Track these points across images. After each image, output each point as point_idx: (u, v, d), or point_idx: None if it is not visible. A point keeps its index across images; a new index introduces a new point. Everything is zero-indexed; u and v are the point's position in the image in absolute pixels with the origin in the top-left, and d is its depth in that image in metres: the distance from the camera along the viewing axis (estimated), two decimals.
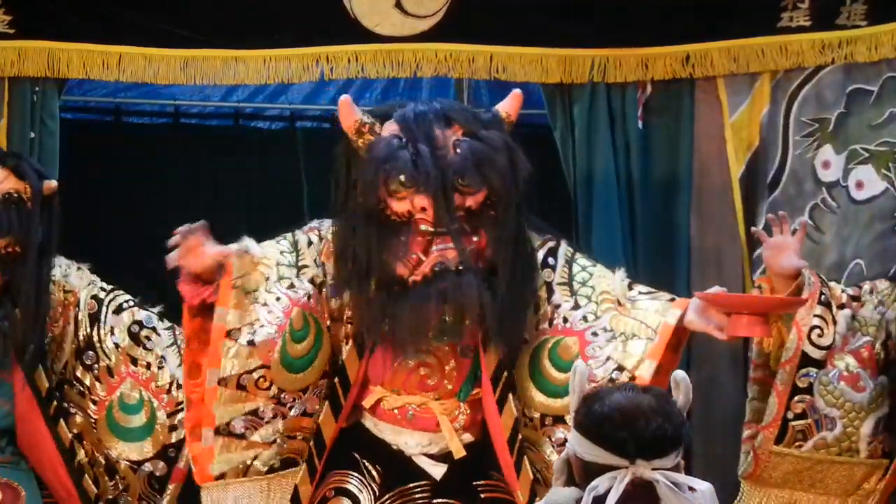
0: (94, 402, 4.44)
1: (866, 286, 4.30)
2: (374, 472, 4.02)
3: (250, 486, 4.00)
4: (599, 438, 2.80)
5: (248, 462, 3.98)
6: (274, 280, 4.00)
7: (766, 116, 5.00)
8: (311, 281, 4.04)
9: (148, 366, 4.46)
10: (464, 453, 4.01)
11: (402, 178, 3.85)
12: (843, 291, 4.24)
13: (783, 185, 4.97)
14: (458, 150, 3.89)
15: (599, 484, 2.77)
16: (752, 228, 4.55)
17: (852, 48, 4.91)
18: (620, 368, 3.95)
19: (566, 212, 5.02)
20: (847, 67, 4.92)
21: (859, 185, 4.90)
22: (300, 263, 4.05)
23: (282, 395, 3.98)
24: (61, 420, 4.41)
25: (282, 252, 4.06)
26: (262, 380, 3.95)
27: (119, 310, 4.49)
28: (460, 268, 3.87)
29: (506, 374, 4.01)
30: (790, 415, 4.17)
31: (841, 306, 4.20)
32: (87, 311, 4.47)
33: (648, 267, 4.88)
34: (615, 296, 4.06)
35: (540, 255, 4.10)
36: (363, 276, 3.92)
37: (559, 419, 3.97)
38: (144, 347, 4.47)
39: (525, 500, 4.00)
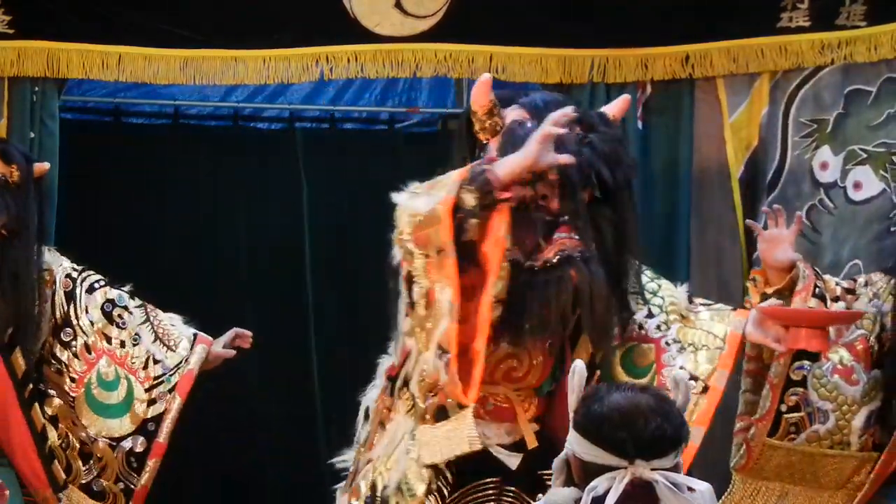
0: (73, 380, 4.44)
1: (861, 279, 4.30)
2: (447, 474, 3.89)
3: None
4: (598, 439, 2.80)
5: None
6: None
7: (765, 117, 5.01)
8: None
9: (122, 343, 4.47)
10: (536, 444, 3.93)
11: None
12: (837, 284, 4.24)
13: (781, 186, 4.97)
14: (590, 144, 3.79)
15: (598, 484, 2.77)
16: (747, 221, 4.55)
17: (852, 48, 4.92)
18: (694, 378, 3.93)
19: None
20: (846, 68, 4.93)
21: (857, 185, 4.90)
22: None
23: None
24: (35, 404, 4.39)
25: None
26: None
27: (91, 289, 4.51)
28: (577, 256, 3.74)
29: (598, 372, 3.95)
30: (783, 407, 4.17)
31: (835, 299, 4.19)
32: (63, 290, 4.48)
33: (648, 267, 4.87)
34: (680, 309, 4.07)
35: None
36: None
37: None
38: (118, 326, 4.49)
39: None
